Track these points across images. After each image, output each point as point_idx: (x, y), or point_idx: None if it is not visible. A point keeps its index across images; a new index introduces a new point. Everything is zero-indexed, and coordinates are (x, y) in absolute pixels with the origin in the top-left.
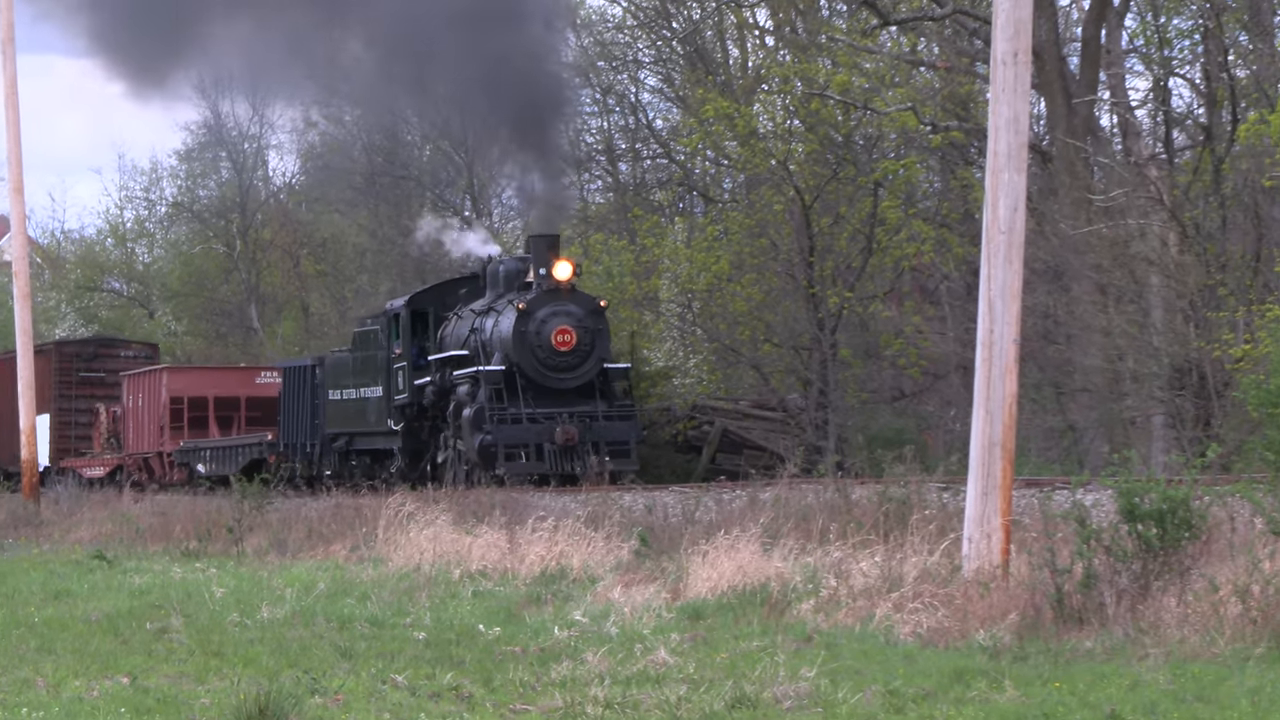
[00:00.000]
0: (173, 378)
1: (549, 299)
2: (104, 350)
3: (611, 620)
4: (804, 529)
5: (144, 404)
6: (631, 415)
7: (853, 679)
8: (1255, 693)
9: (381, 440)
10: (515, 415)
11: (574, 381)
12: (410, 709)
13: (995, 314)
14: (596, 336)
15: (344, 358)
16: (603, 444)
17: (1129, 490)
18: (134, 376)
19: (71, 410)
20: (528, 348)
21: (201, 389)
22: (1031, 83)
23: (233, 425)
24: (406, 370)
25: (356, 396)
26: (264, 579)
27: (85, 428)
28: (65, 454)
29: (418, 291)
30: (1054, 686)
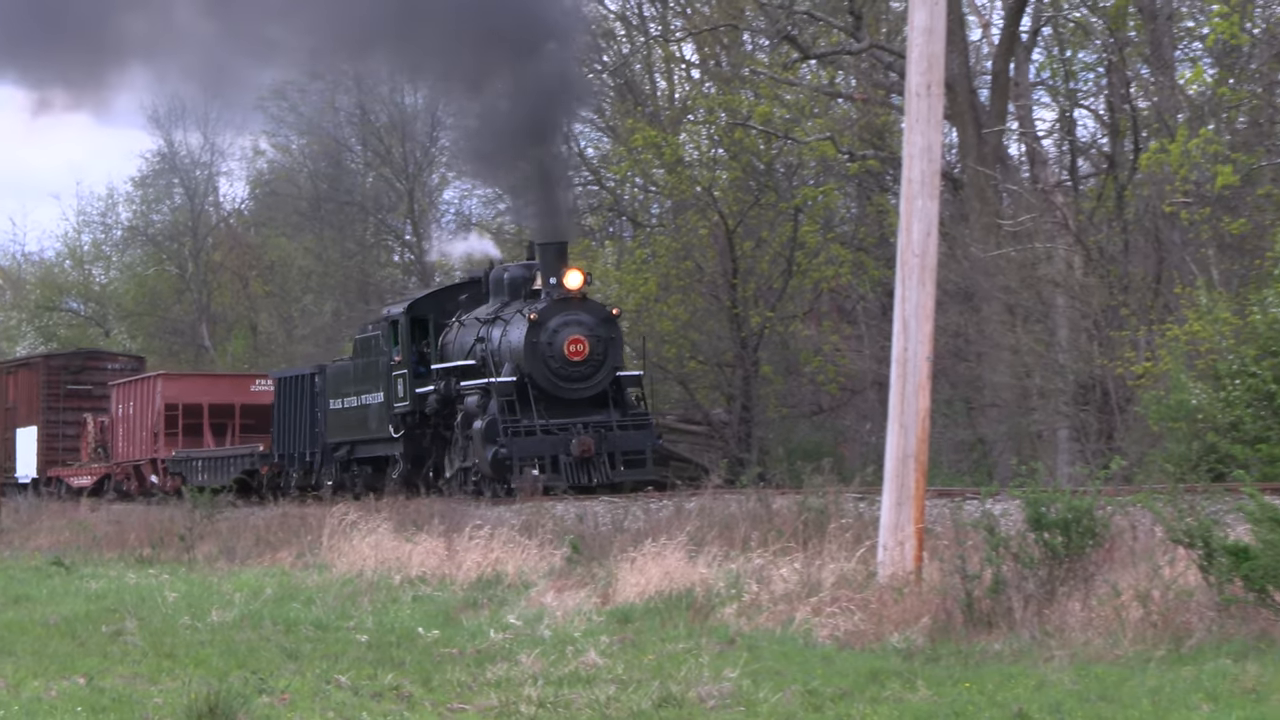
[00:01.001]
0: (168, 384)
1: (560, 308)
2: (91, 363)
3: (544, 623)
4: (727, 537)
5: (136, 411)
6: (647, 424)
7: (773, 679)
8: (1156, 693)
9: (383, 447)
10: (529, 427)
11: (587, 391)
12: (353, 708)
13: (909, 333)
14: (609, 345)
15: (345, 366)
16: (618, 454)
17: (1036, 500)
18: (125, 384)
19: (59, 422)
20: (540, 358)
21: (197, 396)
22: (944, 113)
23: (227, 433)
24: (407, 378)
25: (358, 404)
26: (214, 584)
27: (73, 439)
28: (53, 464)
29: (417, 298)
30: (964, 687)
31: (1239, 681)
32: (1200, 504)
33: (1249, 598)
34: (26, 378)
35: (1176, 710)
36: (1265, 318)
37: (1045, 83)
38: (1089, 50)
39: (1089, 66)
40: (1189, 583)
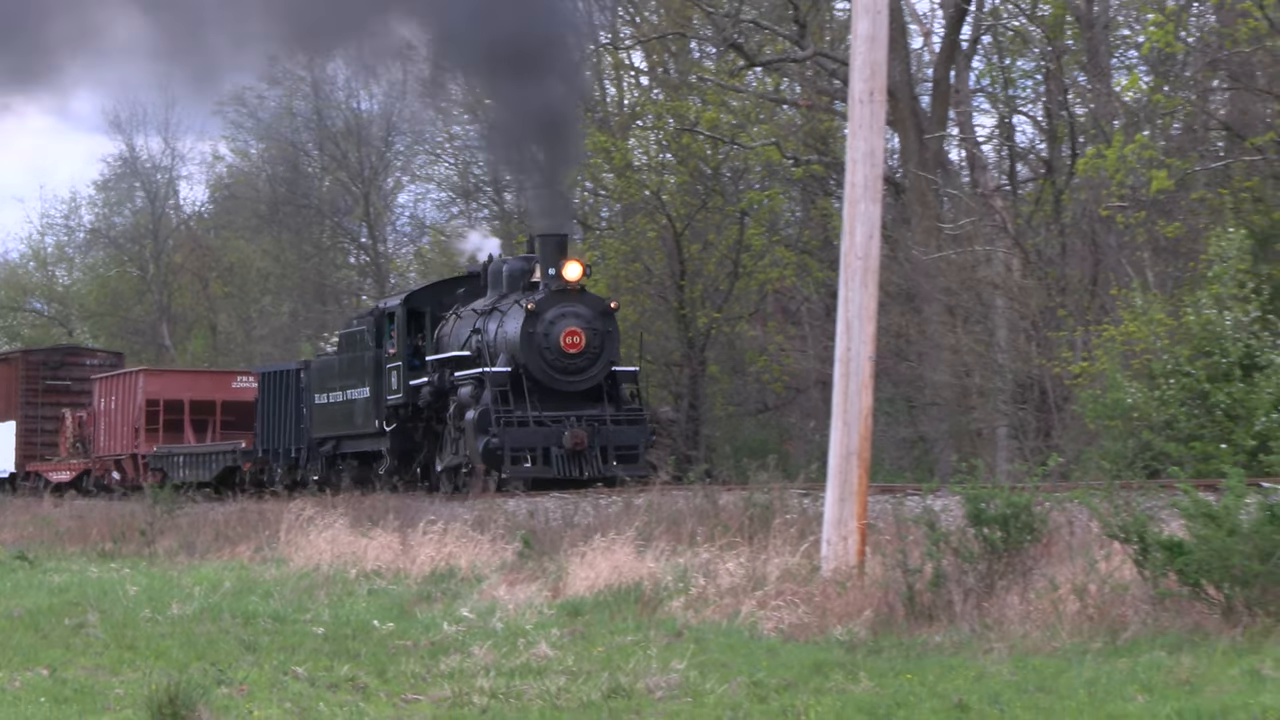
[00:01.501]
0: (149, 380)
1: (558, 300)
2: (70, 359)
3: (496, 616)
4: (675, 532)
5: (117, 406)
6: (641, 419)
7: (720, 671)
8: (1092, 684)
9: (369, 442)
10: (522, 418)
11: (583, 384)
12: (310, 698)
13: (852, 333)
14: (606, 339)
15: (330, 360)
16: (611, 448)
17: (975, 496)
18: (107, 378)
19: (38, 417)
20: (535, 349)
21: (178, 392)
22: (886, 119)
23: (208, 429)
24: (401, 370)
25: (343, 399)
26: (174, 578)
27: (51, 434)
28: (31, 459)
29: (414, 290)
30: (906, 678)
31: (1173, 673)
32: (1135, 500)
33: (1183, 592)
34: (5, 373)
35: (1112, 701)
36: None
37: (985, 89)
38: (1027, 58)
39: (1028, 74)
40: (1124, 577)
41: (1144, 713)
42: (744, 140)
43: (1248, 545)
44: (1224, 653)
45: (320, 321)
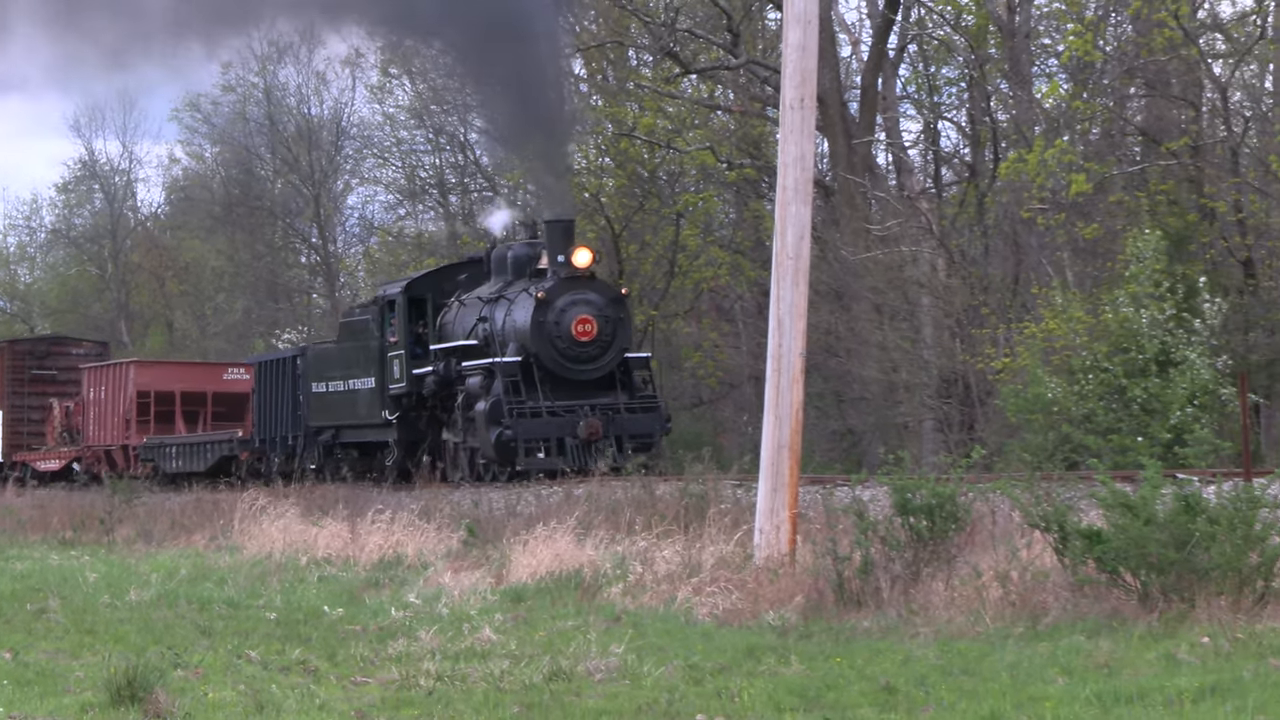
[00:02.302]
0: (140, 371)
1: (568, 287)
2: (56, 348)
3: (442, 602)
4: (613, 521)
5: (107, 396)
6: (655, 406)
7: (656, 655)
8: (1014, 667)
9: (372, 432)
10: (534, 409)
11: (595, 373)
12: (262, 681)
13: (784, 330)
14: (618, 326)
15: (329, 349)
16: (626, 437)
17: (902, 487)
18: (96, 369)
19: (24, 406)
20: (546, 338)
21: (169, 384)
22: (816, 125)
23: (199, 421)
24: (404, 359)
25: (345, 388)
26: (132, 565)
27: (38, 424)
28: (18, 448)
29: (415, 277)
30: (835, 661)
31: (1092, 657)
32: (1056, 491)
33: (1101, 578)
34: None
35: (1033, 684)
36: (1116, 316)
37: (911, 96)
38: (952, 66)
39: (952, 81)
40: (1045, 564)
41: (1064, 695)
42: (680, 145)
43: (1163, 534)
44: (1140, 637)
45: (272, 319)
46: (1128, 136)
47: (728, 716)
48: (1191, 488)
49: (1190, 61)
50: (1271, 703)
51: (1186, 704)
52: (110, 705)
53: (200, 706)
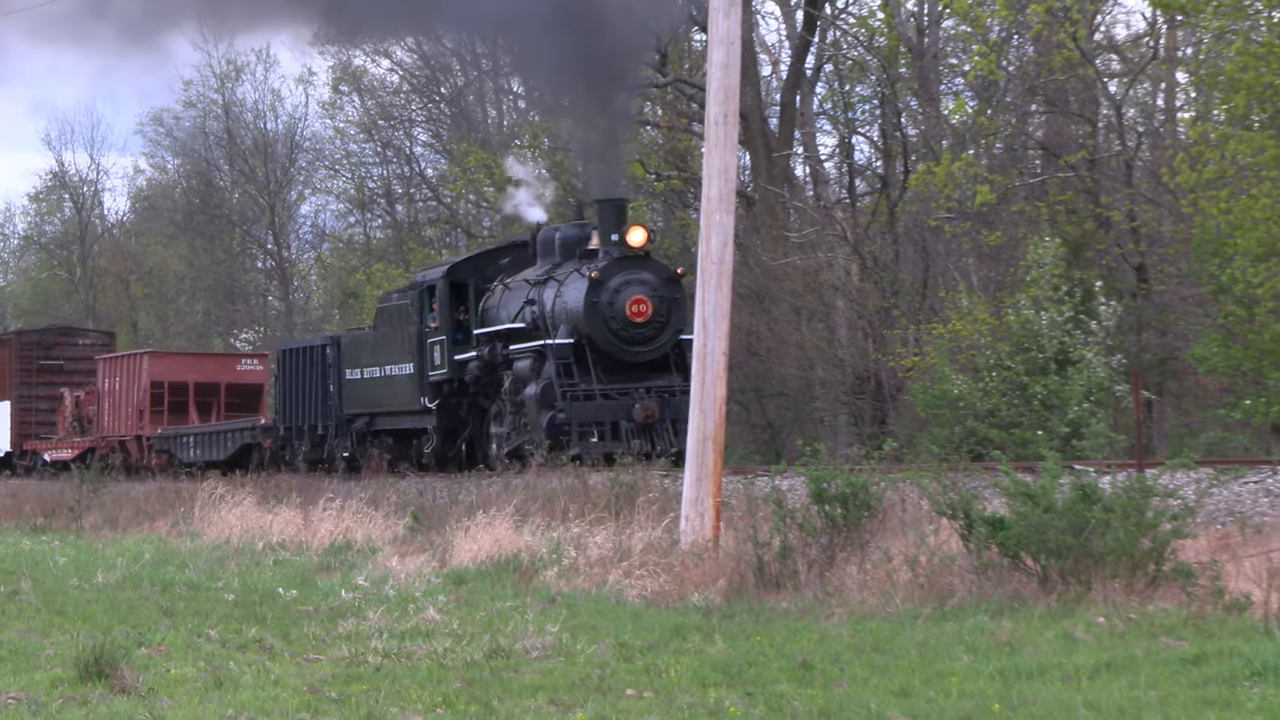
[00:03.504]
0: (154, 362)
1: (622, 267)
2: (63, 338)
3: (389, 584)
4: (549, 509)
5: (121, 387)
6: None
7: (589, 633)
8: (923, 645)
9: (409, 420)
10: (588, 391)
11: (649, 355)
12: (221, 658)
13: (708, 331)
14: (672, 307)
15: (363, 336)
16: (682, 420)
17: (818, 477)
18: (111, 360)
19: (32, 396)
20: (600, 319)
21: (183, 374)
22: (738, 139)
23: (212, 411)
24: (445, 345)
25: (381, 375)
26: (99, 550)
27: (47, 413)
28: (27, 438)
29: (456, 261)
30: (756, 640)
31: (995, 636)
32: (961, 481)
33: (1004, 563)
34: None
35: (941, 660)
36: (1018, 318)
37: (827, 112)
38: (865, 84)
39: (865, 99)
40: (951, 550)
41: (968, 671)
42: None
43: (1062, 521)
44: (1040, 618)
45: (230, 320)
46: (1029, 150)
47: (656, 691)
48: (1088, 478)
49: (1087, 80)
50: (1162, 679)
51: (1083, 680)
52: (79, 681)
53: (163, 682)
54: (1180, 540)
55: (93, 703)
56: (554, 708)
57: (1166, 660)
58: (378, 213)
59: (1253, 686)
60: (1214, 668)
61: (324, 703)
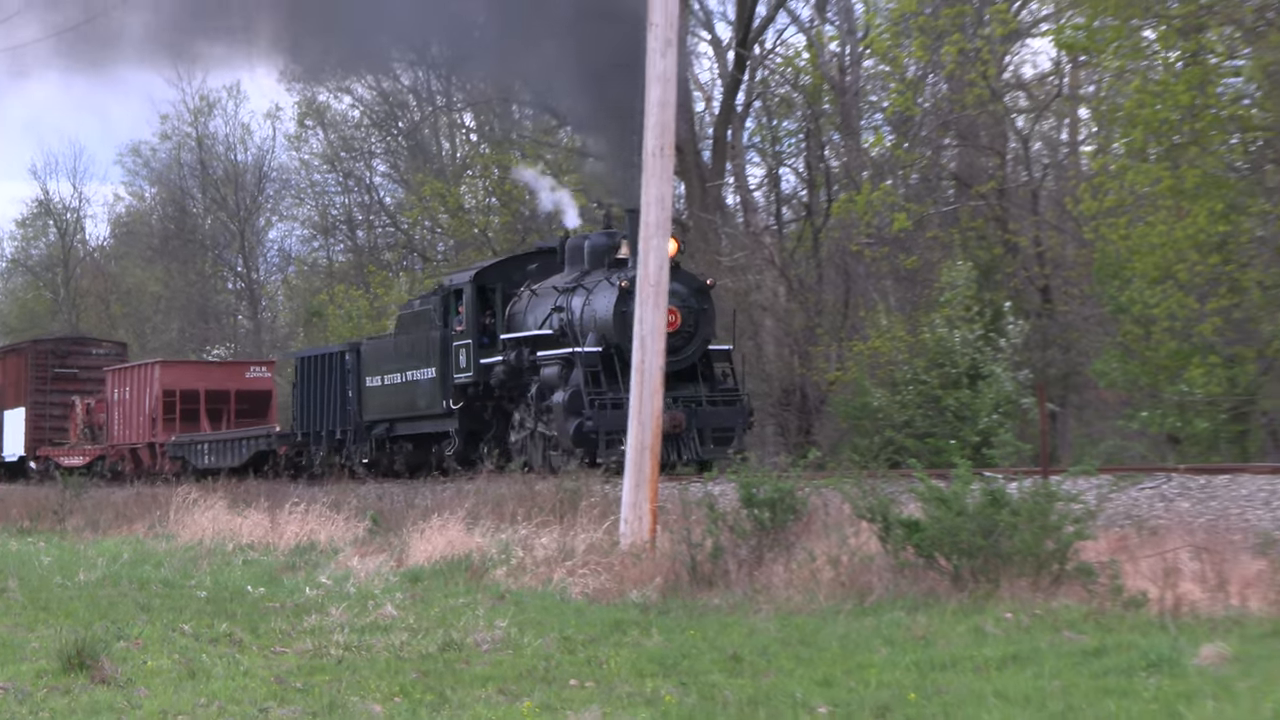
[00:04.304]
0: (166, 371)
1: None
2: (76, 348)
3: (350, 582)
4: (499, 512)
5: (132, 396)
6: (737, 399)
7: (536, 628)
8: (844, 638)
9: (430, 423)
10: (615, 399)
11: (678, 365)
12: (194, 651)
13: (646, 348)
14: (701, 317)
15: (384, 343)
16: (709, 430)
17: (748, 483)
18: (120, 370)
19: (46, 404)
20: (629, 328)
21: (193, 383)
22: (674, 170)
23: (222, 418)
24: (471, 348)
25: (402, 380)
26: (81, 551)
27: (61, 420)
28: (41, 444)
29: (484, 266)
30: (690, 634)
31: (911, 630)
32: (880, 486)
33: (919, 562)
34: (14, 362)
35: (861, 653)
36: (933, 336)
37: (756, 145)
38: (791, 119)
39: (791, 133)
40: (870, 550)
41: (886, 663)
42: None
43: (972, 524)
44: (953, 613)
45: (203, 337)
46: (942, 181)
47: (597, 682)
48: (996, 484)
49: (997, 116)
50: (1065, 669)
51: (992, 671)
52: (62, 672)
53: (140, 673)
54: (1082, 541)
55: (75, 692)
56: (503, 697)
57: (1069, 653)
58: (340, 238)
59: (1149, 677)
60: (1113, 659)
61: (289, 692)
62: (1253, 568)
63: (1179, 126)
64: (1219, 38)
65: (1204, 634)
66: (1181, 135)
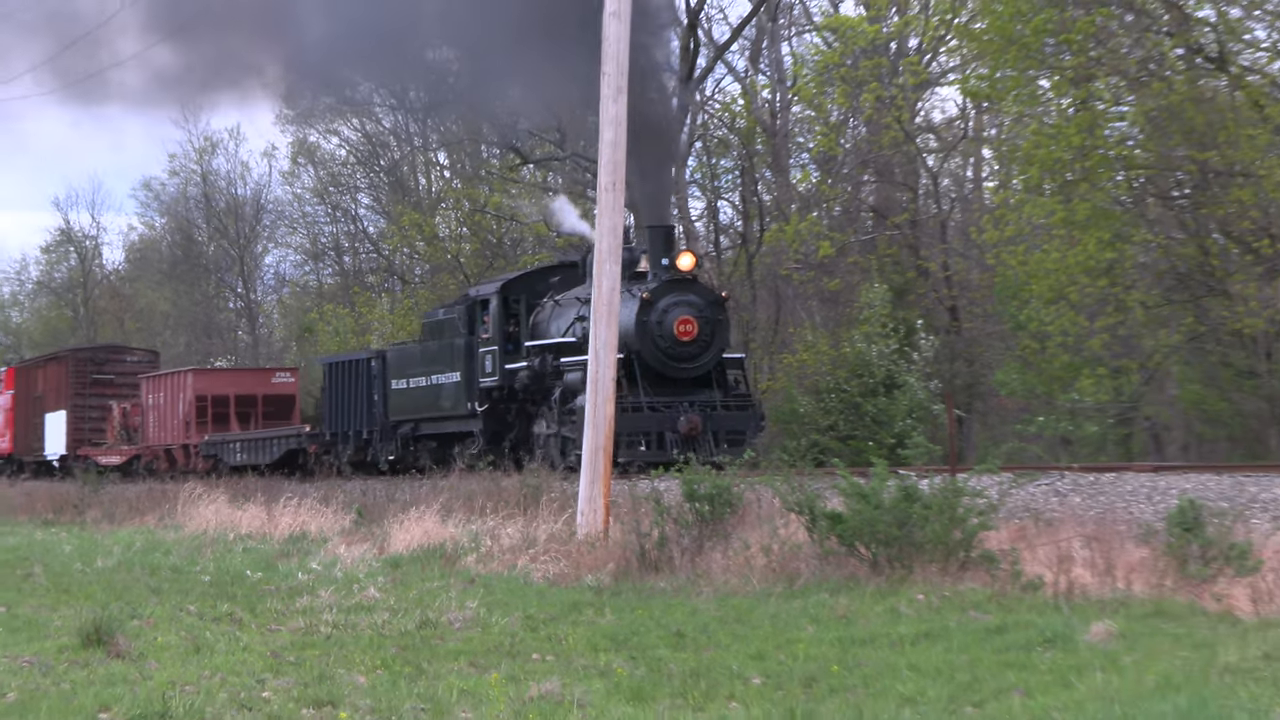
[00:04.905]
0: (198, 379)
1: (671, 289)
2: (113, 356)
3: (337, 568)
4: (470, 506)
5: (166, 401)
6: (749, 404)
7: (502, 608)
8: (775, 617)
9: (454, 424)
10: (635, 403)
11: (694, 371)
12: (199, 628)
13: (599, 360)
14: (717, 327)
15: (409, 349)
16: (723, 433)
17: (690, 480)
18: (156, 377)
19: (85, 407)
20: (649, 337)
21: (224, 388)
22: (624, 203)
23: (250, 420)
24: (496, 354)
25: (427, 383)
26: (99, 540)
27: (99, 422)
28: (81, 444)
29: (510, 278)
30: (639, 613)
31: (834, 610)
32: (807, 483)
33: (841, 550)
34: (56, 370)
35: (790, 630)
36: (853, 350)
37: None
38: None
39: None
40: (798, 539)
41: (812, 639)
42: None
43: (888, 516)
44: (871, 595)
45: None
46: (862, 212)
47: (556, 656)
48: (910, 481)
49: (910, 155)
50: (971, 645)
51: (906, 646)
52: (81, 647)
53: (151, 648)
54: (985, 532)
55: (93, 665)
56: (473, 669)
57: (974, 630)
58: (328, 263)
59: (1045, 652)
60: (1013, 636)
61: (284, 665)
62: (1136, 555)
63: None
64: (1106, 86)
65: (1094, 613)
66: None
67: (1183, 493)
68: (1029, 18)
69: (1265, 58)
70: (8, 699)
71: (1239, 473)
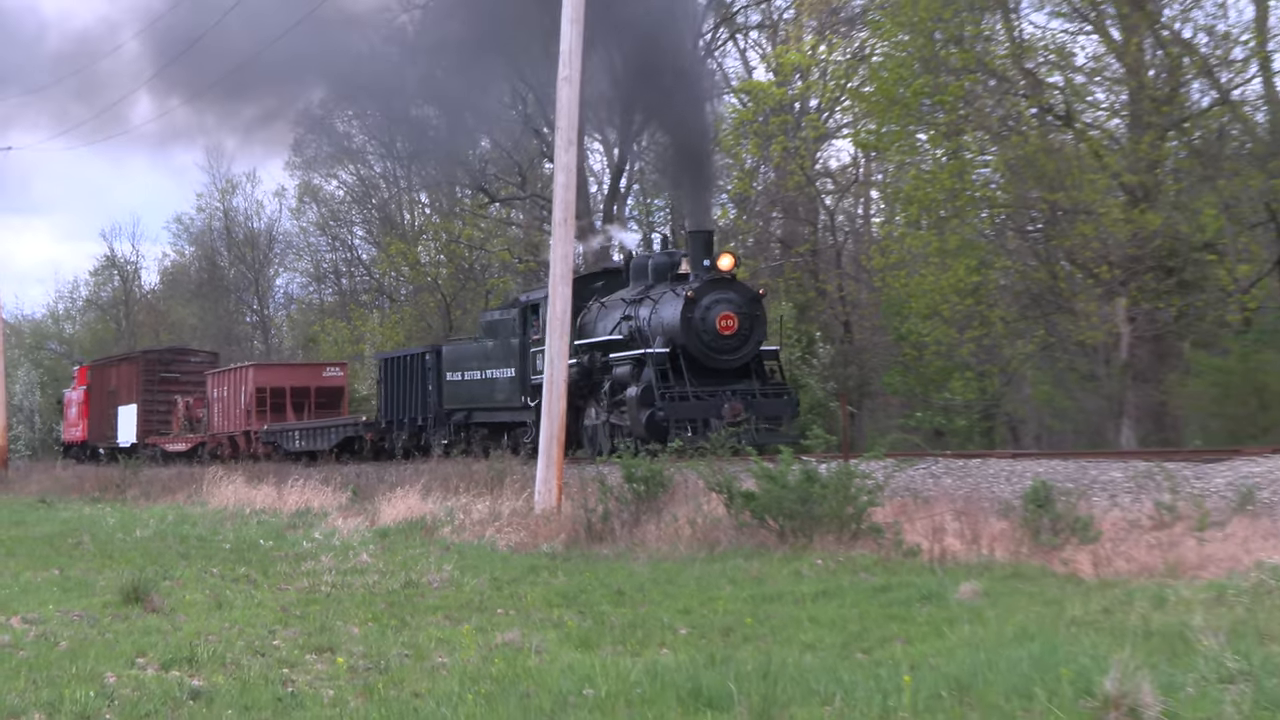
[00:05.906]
0: (258, 373)
1: (713, 287)
2: (179, 356)
3: (335, 538)
4: (446, 486)
5: (229, 394)
6: (785, 392)
7: (473, 571)
8: (699, 579)
9: (507, 414)
10: (682, 393)
11: (735, 362)
12: (221, 588)
13: (554, 366)
14: (754, 321)
15: (465, 346)
16: (760, 418)
17: (629, 464)
18: (219, 373)
19: (154, 401)
20: (693, 331)
21: (282, 381)
22: (575, 235)
23: (304, 410)
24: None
25: (482, 377)
26: (137, 514)
27: (165, 414)
28: (150, 433)
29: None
30: (586, 575)
31: (748, 572)
32: (725, 468)
33: (754, 523)
34: (127, 369)
35: (711, 589)
36: None
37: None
38: (660, 197)
39: (660, 207)
40: (718, 514)
41: (730, 596)
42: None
43: (793, 495)
44: (778, 560)
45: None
46: (771, 243)
47: (518, 610)
48: (811, 466)
49: (810, 196)
50: (861, 601)
51: (808, 602)
52: (122, 604)
53: (180, 604)
54: (873, 508)
55: (132, 619)
56: (448, 621)
57: (864, 589)
58: (329, 284)
59: (922, 607)
60: (896, 594)
61: (291, 618)
62: (998, 527)
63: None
64: (973, 139)
65: (962, 575)
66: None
67: (1036, 475)
68: (909, 82)
69: (1104, 115)
70: (61, 646)
71: (1082, 459)
